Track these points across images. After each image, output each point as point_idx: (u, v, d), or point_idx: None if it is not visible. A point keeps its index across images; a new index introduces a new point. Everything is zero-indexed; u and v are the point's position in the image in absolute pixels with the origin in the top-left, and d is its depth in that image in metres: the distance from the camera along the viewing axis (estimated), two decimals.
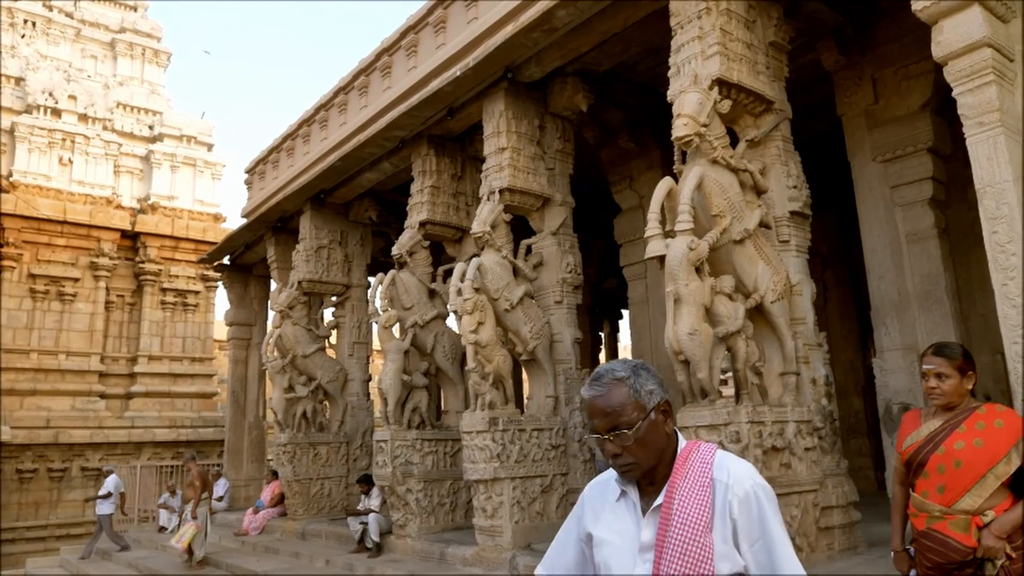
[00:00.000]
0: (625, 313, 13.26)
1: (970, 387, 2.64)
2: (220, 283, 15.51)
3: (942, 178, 6.91)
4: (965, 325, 7.02)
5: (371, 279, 10.93)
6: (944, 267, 6.69)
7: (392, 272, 8.82)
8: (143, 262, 17.81)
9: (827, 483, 5.36)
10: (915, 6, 4.57)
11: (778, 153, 5.94)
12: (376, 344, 12.82)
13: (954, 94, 4.52)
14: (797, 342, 5.59)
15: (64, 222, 16.66)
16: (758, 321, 5.44)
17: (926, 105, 6.81)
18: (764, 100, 5.86)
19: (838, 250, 11.07)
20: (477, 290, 7.00)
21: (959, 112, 4.50)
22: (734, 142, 5.82)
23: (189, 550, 9.35)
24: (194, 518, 9.43)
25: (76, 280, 16.92)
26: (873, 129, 7.09)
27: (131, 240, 17.86)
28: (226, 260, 14.15)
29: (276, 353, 10.72)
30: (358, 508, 8.96)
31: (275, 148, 13.77)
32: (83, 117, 17.91)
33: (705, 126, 5.25)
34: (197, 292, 18.62)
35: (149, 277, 17.88)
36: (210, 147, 19.95)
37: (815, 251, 8.60)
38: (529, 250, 7.95)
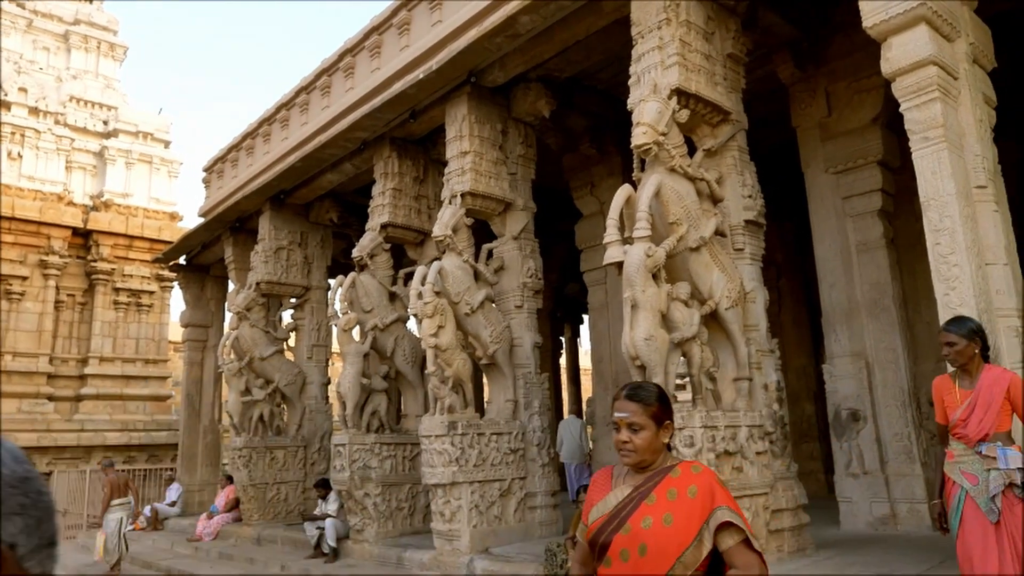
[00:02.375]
0: (586, 318, 13.38)
1: (667, 440, 1.99)
2: (176, 283, 15.19)
3: (891, 190, 7.14)
4: (911, 332, 7.25)
5: (331, 281, 10.83)
6: (892, 276, 6.91)
7: (352, 274, 8.76)
8: (95, 261, 17.35)
9: (777, 486, 5.48)
10: (866, 23, 4.72)
11: (734, 163, 6.06)
12: (335, 347, 12.73)
13: (902, 109, 4.69)
14: (750, 348, 5.71)
15: (12, 218, 16.14)
16: (713, 327, 5.55)
17: (877, 119, 7.03)
18: (721, 111, 5.98)
19: (793, 259, 11.33)
20: (438, 294, 6.99)
21: (906, 127, 4.66)
22: (692, 151, 5.93)
23: (119, 557, 9.35)
24: (98, 526, 9.42)
25: (24, 279, 16.41)
26: (826, 141, 7.29)
27: (83, 238, 17.39)
28: (182, 260, 13.88)
29: (233, 355, 10.55)
30: (315, 513, 8.86)
31: (234, 147, 13.56)
32: (34, 110, 17.40)
33: (664, 135, 5.34)
34: (152, 292, 18.21)
35: (101, 276, 17.42)
36: (167, 144, 19.55)
37: (770, 259, 8.81)
38: (490, 254, 7.97)
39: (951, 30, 4.80)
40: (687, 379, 5.52)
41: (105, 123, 18.80)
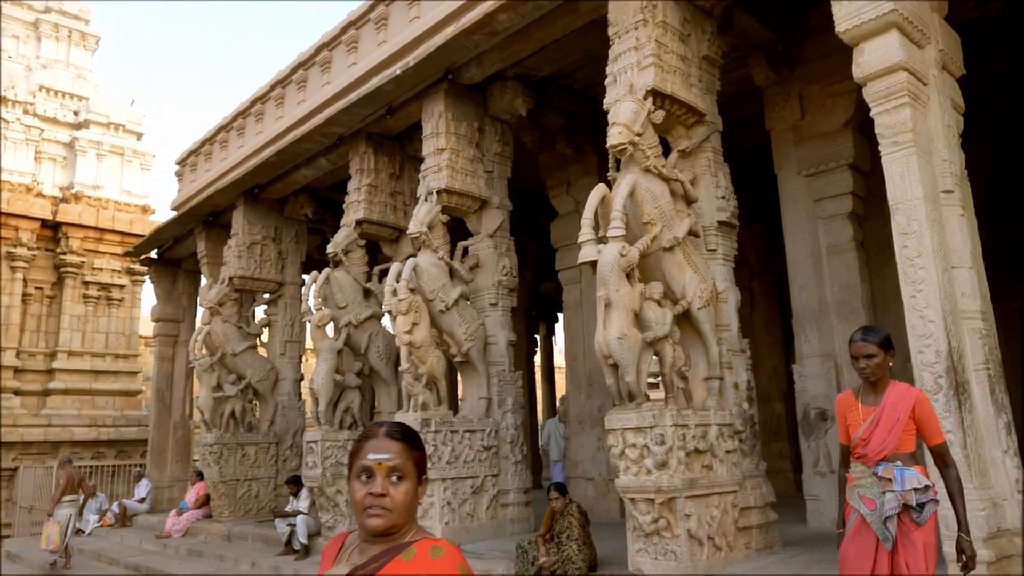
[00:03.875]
0: (561, 316, 13.43)
1: (421, 501, 1.67)
2: (147, 277, 14.98)
3: (861, 193, 7.24)
4: None
5: (305, 277, 10.74)
6: (861, 278, 7.02)
7: (327, 270, 8.70)
8: (64, 253, 17.03)
9: (746, 485, 5.54)
10: (839, 27, 4.78)
11: (708, 164, 6.11)
12: (309, 343, 12.64)
13: (872, 114, 4.76)
14: (721, 348, 5.77)
15: None
16: (685, 327, 5.59)
17: (849, 123, 7.13)
18: (696, 112, 6.03)
19: (765, 260, 11.45)
20: (412, 291, 6.97)
21: (876, 131, 4.73)
22: (667, 152, 5.97)
23: (65, 549, 9.35)
24: (50, 516, 9.41)
25: None
26: (799, 144, 7.38)
27: (52, 230, 17.05)
28: (154, 254, 13.70)
29: (204, 351, 10.44)
30: (286, 510, 8.80)
31: (208, 140, 13.39)
32: (2, 100, 17.03)
33: (639, 135, 5.37)
34: (122, 286, 17.91)
35: (71, 269, 17.11)
36: (139, 136, 19.24)
37: (743, 261, 8.91)
38: (466, 252, 7.96)
39: (921, 36, 4.88)
40: (659, 378, 5.57)
41: (76, 114, 18.46)
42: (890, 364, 3.17)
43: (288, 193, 10.87)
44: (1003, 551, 4.17)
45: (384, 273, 8.37)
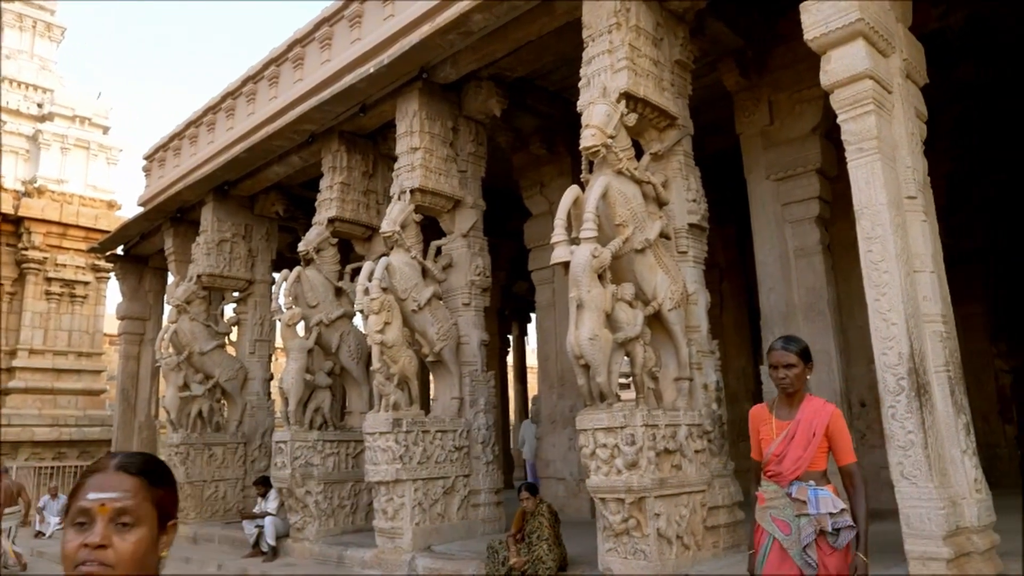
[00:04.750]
0: (534, 316, 13.47)
1: (165, 554, 1.28)
2: (112, 274, 14.70)
3: (828, 198, 7.38)
4: (844, 336, 7.52)
5: (276, 275, 10.63)
6: (827, 281, 7.15)
7: (298, 269, 8.62)
8: (26, 249, 16.64)
9: (715, 484, 5.62)
10: (807, 35, 4.87)
11: (680, 167, 6.18)
12: (279, 342, 12.50)
13: (839, 120, 4.85)
14: (691, 349, 5.84)
15: None
16: (656, 328, 5.65)
17: (816, 128, 7.26)
18: (668, 116, 6.09)
19: (735, 262, 11.61)
20: (385, 290, 6.95)
21: (842, 138, 4.83)
22: (639, 154, 6.02)
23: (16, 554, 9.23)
24: None
25: None
26: (768, 149, 7.49)
27: (14, 225, 16.66)
28: (120, 250, 13.46)
29: (171, 349, 10.28)
30: (254, 511, 8.71)
31: (177, 135, 13.19)
32: None
33: (612, 138, 5.42)
34: (86, 283, 17.56)
35: (33, 265, 16.72)
36: (106, 130, 18.88)
37: (713, 263, 9.02)
38: (439, 251, 7.95)
39: (887, 46, 4.99)
40: (630, 378, 5.62)
41: (40, 106, 18.06)
42: (808, 377, 3.01)
43: (259, 190, 10.75)
44: (962, 548, 4.28)
45: (356, 272, 8.33)
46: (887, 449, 4.46)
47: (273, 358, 11.40)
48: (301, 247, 8.69)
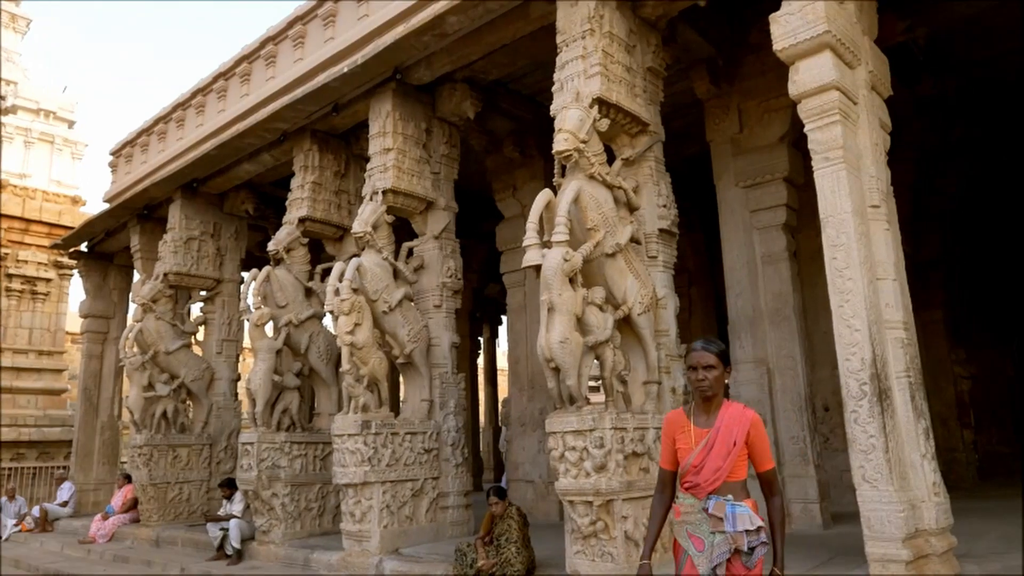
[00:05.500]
0: (505, 319, 13.50)
1: None
2: (76, 271, 14.40)
3: (795, 205, 7.52)
4: (810, 341, 7.66)
5: (245, 274, 10.52)
6: (793, 287, 7.28)
7: (267, 268, 8.54)
8: None
9: None
10: (776, 46, 4.96)
11: (651, 173, 6.25)
12: (247, 342, 12.35)
13: (806, 130, 4.96)
14: (660, 352, 5.90)
15: None
16: (625, 332, 5.70)
17: (784, 137, 7.40)
18: (640, 122, 6.16)
19: (704, 267, 11.76)
20: (356, 291, 6.91)
21: (809, 147, 4.93)
22: (611, 160, 6.08)
23: None
24: None
25: None
26: (737, 156, 7.61)
27: None
28: (84, 247, 13.18)
29: (136, 348, 10.10)
30: (219, 513, 8.59)
31: (145, 131, 12.98)
32: None
33: (584, 142, 5.46)
34: (49, 280, 17.17)
35: None
36: (71, 124, 18.50)
37: (683, 268, 9.11)
38: (410, 253, 7.93)
39: (853, 58, 5.11)
40: (600, 382, 5.66)
41: (3, 98, 17.63)
42: (726, 382, 2.90)
43: (229, 188, 10.62)
44: (920, 551, 4.38)
45: (327, 272, 8.27)
46: (849, 453, 4.55)
47: (241, 358, 11.25)
48: (271, 246, 8.60)
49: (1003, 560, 4.92)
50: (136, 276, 11.79)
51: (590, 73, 5.74)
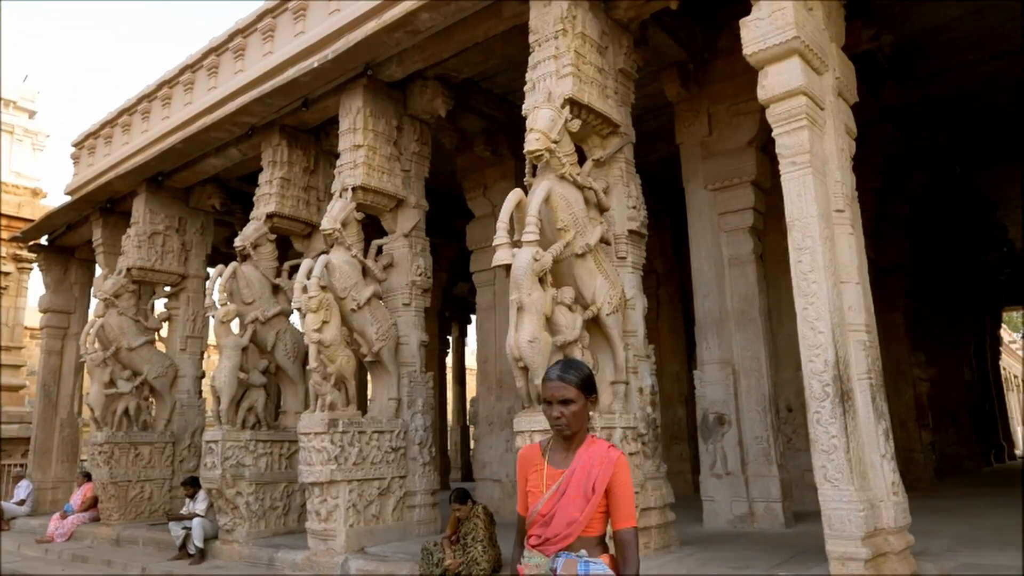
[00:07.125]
0: (474, 318, 13.49)
1: None
2: (35, 265, 14.05)
3: (762, 208, 7.62)
4: (774, 343, 7.77)
5: (210, 270, 10.34)
6: (759, 289, 7.38)
7: (234, 264, 8.41)
8: None
9: (647, 486, 5.72)
10: (746, 50, 5.02)
11: (621, 174, 6.28)
12: (212, 339, 12.16)
13: (774, 134, 5.02)
14: (628, 353, 5.94)
15: None
16: (594, 332, 5.73)
17: (752, 141, 7.50)
18: (611, 123, 6.19)
19: (672, 269, 11.86)
20: (324, 288, 6.84)
21: (777, 151, 5.00)
22: (582, 160, 6.10)
23: None
24: None
25: None
26: (706, 159, 7.69)
27: None
28: (44, 240, 12.88)
29: (97, 344, 9.89)
30: (181, 512, 8.45)
31: (109, 122, 12.69)
32: None
33: (556, 143, 5.47)
34: (7, 273, 16.71)
35: None
36: (32, 114, 18.03)
37: (651, 269, 9.19)
38: (380, 251, 7.88)
39: (820, 64, 5.20)
40: None
41: None
42: (591, 413, 2.45)
43: (195, 182, 10.45)
44: (879, 549, 4.47)
45: (295, 269, 8.17)
46: (812, 453, 4.63)
47: (206, 355, 11.08)
48: (238, 242, 8.48)
49: (957, 558, 5.04)
50: (98, 271, 11.54)
51: (562, 73, 5.75)
